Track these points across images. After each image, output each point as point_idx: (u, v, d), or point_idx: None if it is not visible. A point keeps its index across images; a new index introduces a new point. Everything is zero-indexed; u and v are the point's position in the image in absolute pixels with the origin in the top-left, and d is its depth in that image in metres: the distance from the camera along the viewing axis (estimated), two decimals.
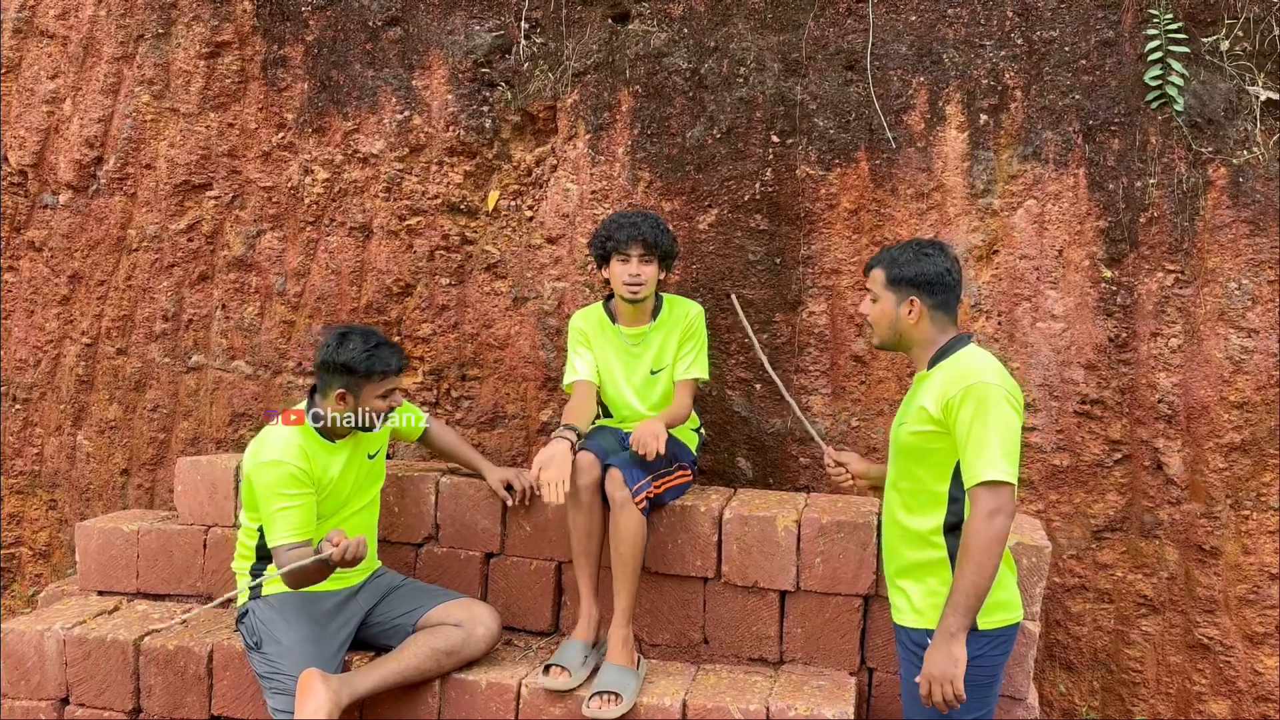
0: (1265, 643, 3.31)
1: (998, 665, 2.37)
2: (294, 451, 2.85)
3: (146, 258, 4.06)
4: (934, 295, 2.40)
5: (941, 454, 2.32)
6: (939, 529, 2.35)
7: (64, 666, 3.16)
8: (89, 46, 4.08)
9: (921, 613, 2.37)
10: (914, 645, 2.39)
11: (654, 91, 3.62)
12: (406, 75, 3.81)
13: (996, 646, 2.34)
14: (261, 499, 2.82)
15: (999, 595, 2.34)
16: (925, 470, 2.36)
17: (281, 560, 2.74)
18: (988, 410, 2.23)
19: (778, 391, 3.60)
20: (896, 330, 2.44)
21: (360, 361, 2.87)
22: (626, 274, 3.11)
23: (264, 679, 2.84)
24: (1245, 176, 3.26)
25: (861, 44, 3.50)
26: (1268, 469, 3.28)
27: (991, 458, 2.20)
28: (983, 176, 3.43)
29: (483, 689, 2.91)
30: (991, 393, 2.25)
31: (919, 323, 2.41)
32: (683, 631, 3.15)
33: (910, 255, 2.42)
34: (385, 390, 2.93)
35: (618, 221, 3.15)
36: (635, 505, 2.88)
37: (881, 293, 2.45)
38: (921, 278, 2.40)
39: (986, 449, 2.20)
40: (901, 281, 2.41)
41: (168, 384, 4.09)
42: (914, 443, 2.38)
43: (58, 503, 4.27)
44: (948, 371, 2.34)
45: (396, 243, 3.85)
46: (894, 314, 2.43)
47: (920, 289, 2.40)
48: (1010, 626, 2.37)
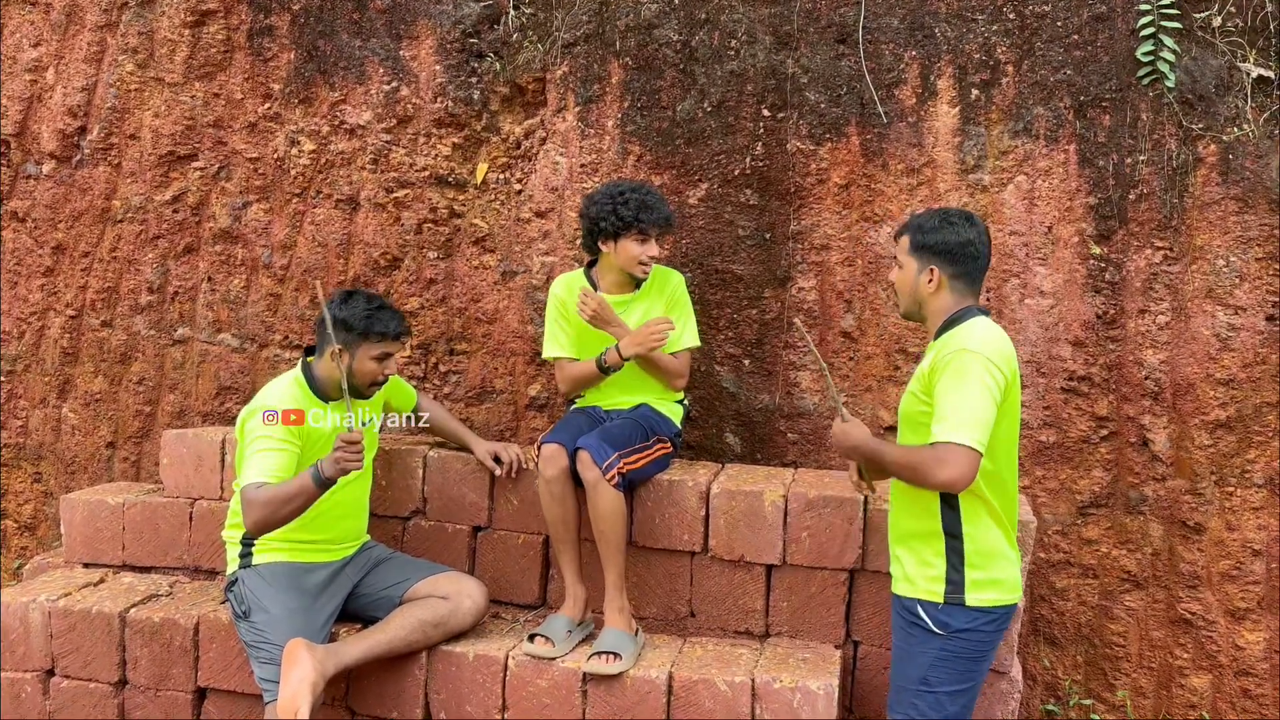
0: (1247, 618, 3.34)
1: (987, 643, 2.34)
2: (288, 401, 2.86)
3: (131, 229, 4.03)
4: (955, 265, 2.36)
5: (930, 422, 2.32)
6: (936, 501, 2.33)
7: (49, 638, 3.15)
8: (72, 14, 4.02)
9: (913, 581, 2.37)
10: (906, 614, 2.39)
11: (644, 64, 3.59)
12: (394, 45, 3.77)
13: (988, 623, 2.32)
14: (245, 442, 2.81)
15: (995, 572, 2.32)
16: (919, 439, 2.35)
17: (249, 498, 2.69)
18: (965, 377, 2.22)
19: (766, 367, 3.60)
20: (916, 298, 2.41)
21: (359, 319, 2.87)
22: (646, 254, 3.09)
23: (251, 648, 2.83)
24: (1235, 154, 3.26)
25: (853, 17, 3.47)
26: (1252, 446, 3.30)
27: (957, 422, 2.18)
28: (973, 152, 3.42)
29: (470, 661, 2.91)
30: (971, 360, 2.23)
31: (937, 292, 2.38)
32: (670, 605, 3.16)
33: (935, 223, 2.39)
34: (380, 353, 2.91)
35: (640, 200, 3.05)
36: (608, 482, 2.87)
37: (905, 259, 2.42)
38: (942, 246, 2.36)
39: (955, 413, 2.19)
40: (924, 248, 2.38)
41: (153, 357, 4.07)
42: (911, 412, 2.39)
43: (43, 475, 4.25)
44: (951, 342, 2.32)
45: (384, 215, 3.82)
46: (915, 281, 2.40)
47: (941, 257, 2.36)
48: (1003, 607, 2.34)
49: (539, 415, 3.80)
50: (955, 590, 2.31)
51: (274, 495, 2.67)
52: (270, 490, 2.67)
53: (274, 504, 2.67)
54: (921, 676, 2.32)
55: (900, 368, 3.50)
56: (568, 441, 2.97)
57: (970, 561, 2.31)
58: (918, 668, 2.34)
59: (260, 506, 2.67)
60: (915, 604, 2.35)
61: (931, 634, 2.32)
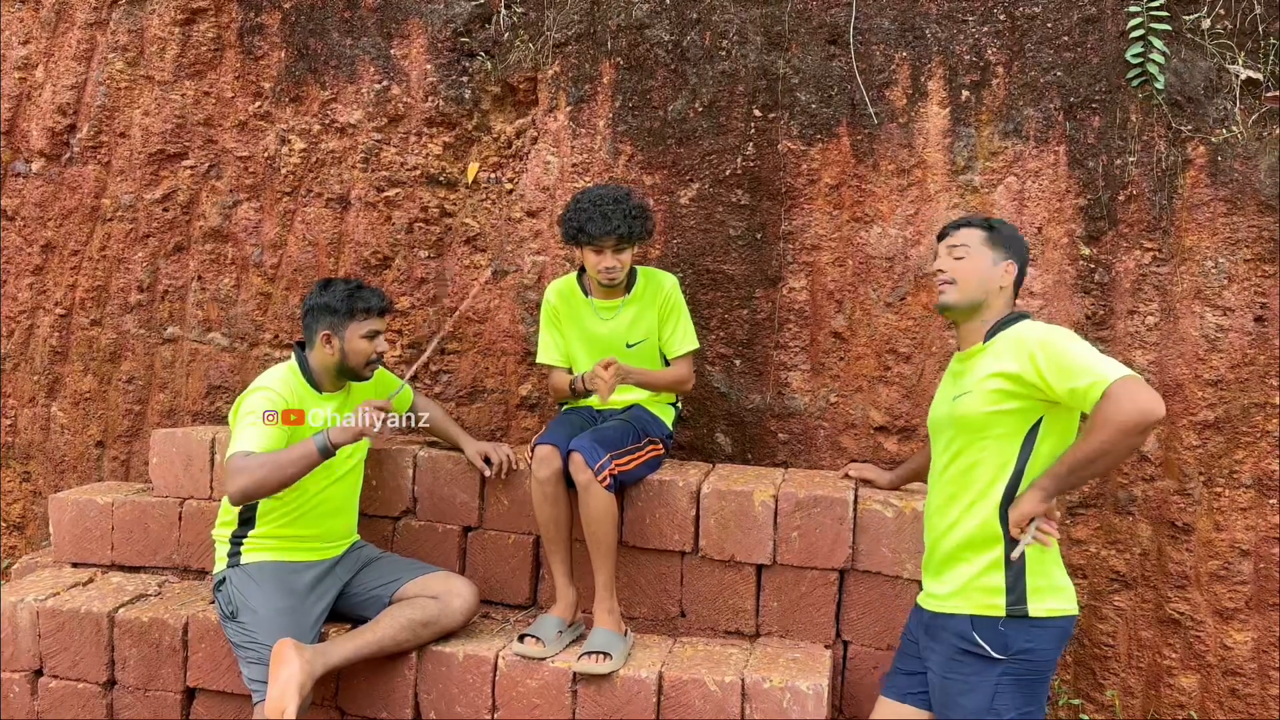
0: (1235, 618, 3.35)
1: (1050, 660, 2.23)
2: (283, 386, 2.89)
3: (121, 228, 4.01)
4: (1021, 270, 2.42)
5: (1013, 421, 2.23)
6: (996, 506, 2.25)
7: (37, 638, 3.14)
8: (61, 12, 4.00)
9: (967, 595, 2.26)
10: (958, 640, 2.26)
11: (635, 63, 3.59)
12: (385, 44, 3.76)
13: (1050, 639, 2.22)
14: (237, 420, 2.82)
15: (1056, 579, 2.24)
16: (990, 442, 2.25)
17: (238, 465, 2.65)
18: (1068, 339, 2.19)
19: (757, 367, 3.60)
20: (986, 289, 2.37)
21: (341, 300, 2.92)
22: (601, 265, 3.09)
23: (239, 648, 2.83)
24: (1224, 155, 3.27)
25: (844, 18, 3.48)
26: (1240, 446, 3.31)
27: (1100, 366, 2.08)
28: (964, 153, 3.42)
29: (460, 661, 2.91)
30: (1050, 329, 2.24)
31: (1004, 288, 2.39)
32: (660, 605, 3.16)
33: (1010, 228, 2.46)
34: (369, 330, 2.95)
35: (589, 211, 3.02)
36: (600, 484, 2.87)
37: (979, 249, 2.39)
38: (1020, 248, 2.44)
39: (1090, 361, 2.10)
40: (1005, 244, 2.41)
41: (143, 355, 4.05)
42: (980, 415, 2.26)
43: (31, 475, 4.23)
44: (1014, 336, 2.28)
45: (374, 214, 3.81)
46: (989, 271, 2.37)
47: (1017, 257, 2.41)
48: (1065, 617, 2.24)
49: (530, 415, 3.80)
50: (1018, 601, 2.21)
51: (269, 459, 2.65)
52: (264, 456, 2.66)
53: (268, 467, 2.64)
54: (987, 707, 2.20)
55: (891, 368, 3.50)
56: (561, 442, 2.97)
57: (1031, 568, 2.22)
58: (980, 697, 2.21)
59: (251, 471, 2.64)
60: (969, 625, 2.24)
61: (990, 661, 2.21)
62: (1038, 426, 2.24)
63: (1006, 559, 2.24)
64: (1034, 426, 2.24)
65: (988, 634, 2.23)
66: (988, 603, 2.24)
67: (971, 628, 2.25)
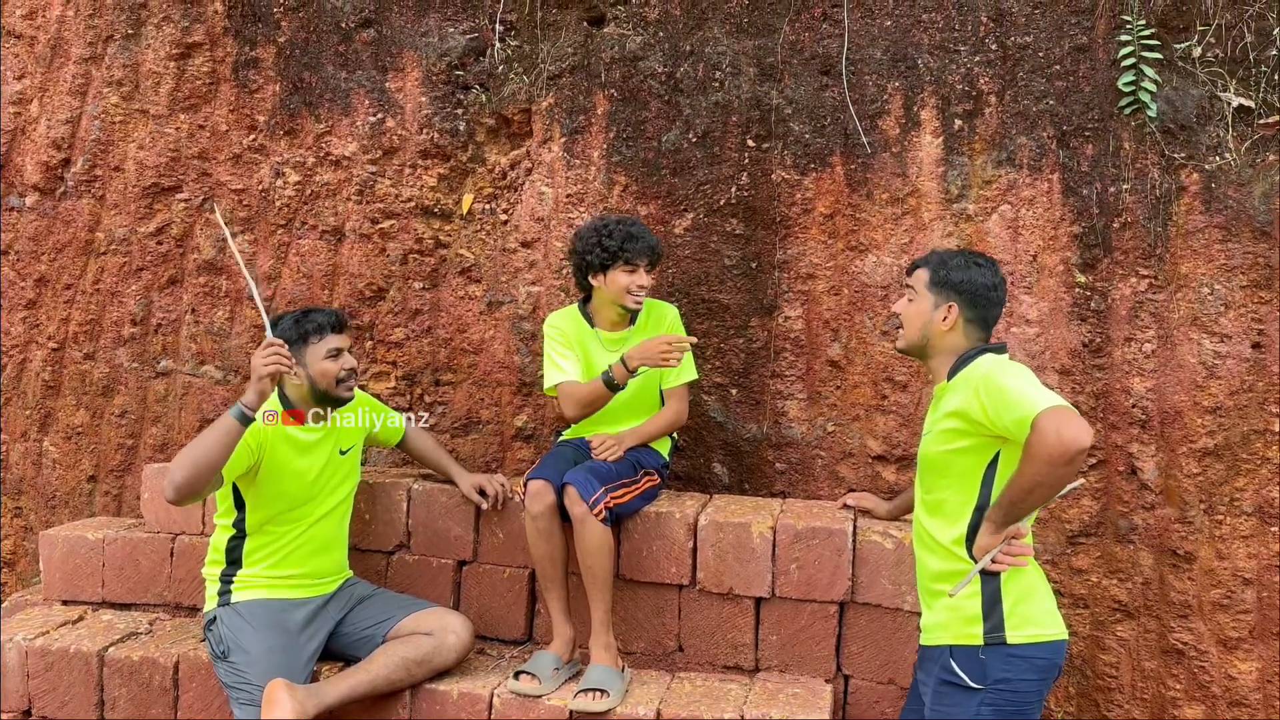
0: (1239, 647, 3.32)
1: (1033, 690, 2.18)
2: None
3: (115, 261, 4.00)
4: (974, 308, 2.33)
5: (970, 459, 2.23)
6: (961, 539, 2.25)
7: (26, 678, 3.09)
8: (57, 47, 4.01)
9: (945, 626, 2.25)
10: (939, 672, 2.24)
11: (629, 95, 3.60)
12: (380, 77, 3.77)
13: (1031, 668, 2.18)
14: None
15: (1035, 605, 2.22)
16: (951, 480, 2.27)
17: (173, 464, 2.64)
18: (1005, 375, 2.16)
19: (753, 396, 3.59)
20: (925, 333, 2.36)
21: (290, 329, 2.90)
22: (634, 284, 3.08)
23: (230, 689, 2.78)
24: (1217, 182, 3.27)
25: (837, 49, 3.49)
26: (1241, 474, 3.29)
27: (1030, 398, 2.06)
28: (957, 182, 3.43)
29: (454, 699, 2.86)
30: (997, 363, 2.22)
31: (950, 330, 2.33)
32: (657, 639, 3.12)
33: (961, 261, 2.36)
34: (328, 350, 2.91)
35: (625, 231, 3.07)
36: (595, 518, 2.84)
37: (922, 291, 2.37)
38: (966, 285, 2.33)
39: (1021, 395, 2.08)
40: (946, 285, 2.34)
41: (136, 389, 4.03)
42: (938, 454, 2.30)
43: (23, 510, 4.20)
44: (966, 374, 2.27)
45: (369, 246, 3.81)
46: (929, 316, 2.35)
47: (962, 296, 2.33)
48: (1046, 644, 2.20)
49: (525, 446, 3.78)
50: (995, 628, 2.19)
51: (187, 447, 2.62)
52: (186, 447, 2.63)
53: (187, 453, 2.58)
54: None
55: (888, 397, 3.49)
56: (554, 477, 2.94)
57: (1007, 594, 2.20)
58: None
59: (175, 465, 2.59)
60: (948, 655, 2.23)
61: (968, 691, 2.18)
62: (995, 461, 2.23)
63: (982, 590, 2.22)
64: (992, 461, 2.23)
65: (966, 663, 2.21)
66: (966, 632, 2.23)
67: (950, 657, 2.23)
